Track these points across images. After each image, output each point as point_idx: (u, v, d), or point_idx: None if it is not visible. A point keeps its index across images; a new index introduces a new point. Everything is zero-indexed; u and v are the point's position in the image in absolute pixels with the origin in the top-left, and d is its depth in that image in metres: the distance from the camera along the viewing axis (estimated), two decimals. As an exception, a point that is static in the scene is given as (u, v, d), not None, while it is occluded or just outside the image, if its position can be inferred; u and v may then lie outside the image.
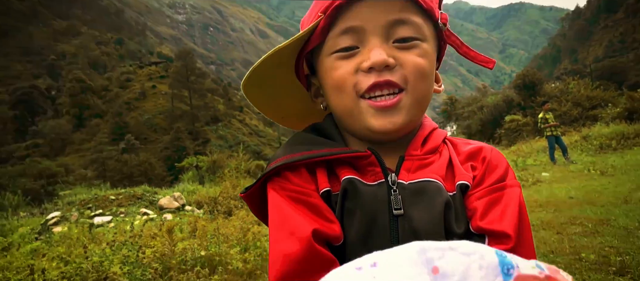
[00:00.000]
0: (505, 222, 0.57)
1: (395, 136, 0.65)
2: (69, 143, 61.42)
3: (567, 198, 5.52)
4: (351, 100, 0.62)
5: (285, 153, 0.64)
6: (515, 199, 0.60)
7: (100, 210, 9.68)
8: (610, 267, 2.60)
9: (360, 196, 0.60)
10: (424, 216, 0.59)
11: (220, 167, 14.85)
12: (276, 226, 0.59)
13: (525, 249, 0.58)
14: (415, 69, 0.61)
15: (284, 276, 0.55)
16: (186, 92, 75.87)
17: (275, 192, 0.62)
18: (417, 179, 0.62)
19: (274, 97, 0.76)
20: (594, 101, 20.25)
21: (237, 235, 4.29)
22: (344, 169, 0.63)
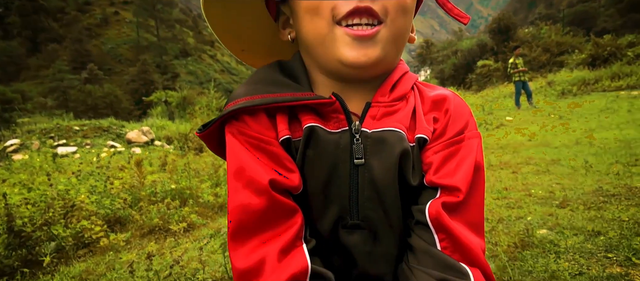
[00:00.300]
0: (457, 176, 0.58)
1: (367, 73, 0.61)
2: (24, 68, 57.45)
3: (526, 140, 5.84)
4: (326, 26, 0.57)
5: (245, 92, 0.61)
6: (472, 152, 0.61)
7: (63, 140, 9.39)
8: (554, 201, 2.85)
9: (322, 145, 0.59)
10: (382, 165, 0.59)
11: (190, 103, 14.47)
12: (234, 175, 0.58)
13: (474, 204, 0.59)
14: (398, 1, 0.58)
15: (243, 226, 0.55)
16: (152, 21, 71.28)
17: (233, 137, 0.60)
18: (381, 128, 0.61)
19: (237, 23, 0.69)
20: (563, 47, 20.73)
21: (208, 170, 4.31)
22: (306, 115, 0.61)
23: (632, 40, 16.01)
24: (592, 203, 2.74)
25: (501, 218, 2.60)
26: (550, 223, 2.42)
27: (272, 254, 0.54)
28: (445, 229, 0.56)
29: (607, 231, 2.23)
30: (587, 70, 14.34)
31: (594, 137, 5.20)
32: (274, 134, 0.60)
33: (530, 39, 22.55)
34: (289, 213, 0.57)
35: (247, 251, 0.54)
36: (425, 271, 0.54)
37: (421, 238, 0.58)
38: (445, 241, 0.56)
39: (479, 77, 22.18)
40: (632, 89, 10.28)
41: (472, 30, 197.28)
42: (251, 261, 0.53)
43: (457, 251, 0.55)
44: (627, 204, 2.64)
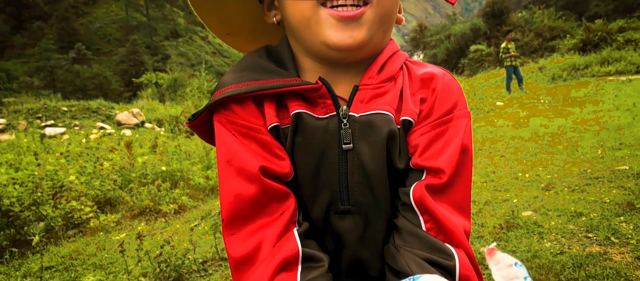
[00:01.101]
0: (442, 158, 0.57)
1: (353, 56, 0.60)
2: (8, 46, 55.98)
3: (516, 125, 5.91)
4: (310, 7, 0.56)
5: (232, 80, 0.60)
6: (460, 132, 0.59)
7: (51, 121, 9.25)
8: (540, 184, 2.91)
9: (310, 131, 0.59)
10: (371, 149, 0.58)
11: (181, 86, 14.27)
12: (224, 163, 0.57)
13: (459, 184, 0.58)
14: None
15: (236, 214, 0.55)
16: (142, 0, 69.57)
17: (222, 126, 0.59)
18: (369, 112, 0.59)
19: (221, 5, 0.67)
20: (555, 32, 20.80)
21: (199, 153, 4.30)
22: (294, 101, 0.60)
23: (622, 25, 16.09)
24: (576, 185, 2.81)
25: (488, 201, 2.65)
26: (535, 205, 2.48)
27: (268, 240, 0.54)
28: (429, 211, 0.56)
29: (588, 212, 2.29)
30: (577, 55, 14.43)
31: (580, 122, 5.28)
32: (262, 121, 0.59)
33: (523, 24, 22.56)
34: (281, 197, 0.57)
35: (242, 238, 0.55)
36: (411, 251, 0.55)
37: (407, 219, 0.58)
38: (430, 222, 0.56)
39: (471, 62, 22.23)
40: (620, 75, 10.40)
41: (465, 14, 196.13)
42: (247, 248, 0.54)
43: (441, 233, 0.55)
44: (610, 187, 2.71)
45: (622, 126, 4.66)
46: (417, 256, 0.54)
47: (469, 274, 0.52)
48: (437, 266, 0.52)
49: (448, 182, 0.57)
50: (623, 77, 9.77)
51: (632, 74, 10.26)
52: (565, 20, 23.06)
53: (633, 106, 5.81)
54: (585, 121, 5.35)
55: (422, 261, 0.53)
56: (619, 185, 2.72)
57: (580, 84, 9.79)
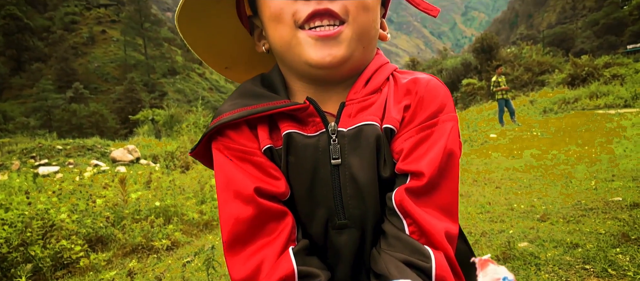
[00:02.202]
0: (424, 161, 0.57)
1: (335, 73, 0.62)
2: (6, 87, 56.49)
3: (510, 157, 5.95)
4: (289, 31, 0.58)
5: (227, 108, 0.63)
6: (444, 136, 0.60)
7: (45, 160, 9.18)
8: (535, 215, 2.91)
9: (301, 149, 0.60)
10: (361, 162, 0.59)
11: (178, 122, 14.35)
12: (222, 188, 0.60)
13: (443, 187, 0.58)
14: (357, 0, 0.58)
15: (235, 236, 0.57)
16: (140, 40, 71.19)
17: (219, 152, 0.61)
18: (356, 124, 0.61)
19: (215, 40, 0.71)
20: (543, 67, 21.40)
21: (193, 187, 4.27)
22: (285, 122, 0.62)
23: (608, 61, 16.64)
24: (571, 216, 2.81)
25: (484, 232, 2.63)
26: (531, 236, 2.47)
27: (268, 260, 0.55)
28: (409, 214, 0.56)
29: (585, 243, 2.28)
30: (567, 89, 14.81)
31: (573, 154, 5.33)
32: (257, 144, 0.62)
33: (513, 59, 23.22)
34: (278, 216, 0.59)
35: (243, 260, 0.56)
36: (392, 255, 0.56)
37: (392, 223, 0.59)
38: (413, 225, 0.56)
39: (464, 96, 22.66)
40: (610, 108, 10.62)
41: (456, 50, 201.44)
42: (248, 269, 0.55)
43: (423, 236, 0.56)
44: (604, 218, 2.71)
45: (613, 158, 4.71)
46: (397, 259, 0.54)
47: (445, 275, 0.52)
48: (415, 268, 0.53)
49: (429, 184, 0.57)
50: (612, 110, 9.98)
51: (621, 108, 10.50)
52: (553, 55, 23.84)
53: (624, 138, 5.90)
54: (577, 153, 5.41)
55: (400, 263, 0.53)
56: (613, 216, 2.72)
57: (571, 117, 9.97)
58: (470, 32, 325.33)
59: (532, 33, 70.39)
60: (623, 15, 62.55)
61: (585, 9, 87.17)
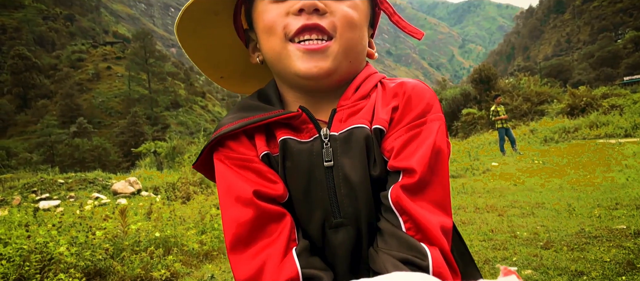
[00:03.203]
0: (414, 158, 0.60)
1: (323, 83, 0.66)
2: (11, 124, 57.10)
3: (512, 185, 5.93)
4: (280, 43, 0.63)
5: (227, 121, 0.67)
6: (432, 134, 0.62)
7: (46, 194, 9.15)
8: (539, 242, 2.87)
9: (297, 154, 0.64)
10: (353, 162, 0.63)
11: (180, 153, 14.39)
12: (223, 194, 0.63)
13: (435, 183, 0.61)
14: (344, 18, 0.63)
15: (237, 238, 0.59)
16: (144, 75, 72.56)
17: (220, 162, 0.65)
18: (347, 128, 0.64)
19: (213, 51, 0.76)
20: (542, 97, 21.55)
21: (194, 217, 4.25)
22: (281, 130, 0.65)
23: (605, 92, 16.80)
24: (575, 244, 2.77)
25: (487, 259, 2.60)
26: (534, 264, 2.43)
27: (271, 260, 0.58)
28: (406, 211, 0.58)
29: (590, 271, 2.24)
30: (567, 119, 14.89)
31: (576, 183, 5.31)
32: (255, 152, 0.65)
33: (511, 89, 23.45)
34: (277, 218, 0.61)
35: (245, 261, 0.58)
36: (389, 253, 0.57)
37: (388, 221, 0.60)
38: (409, 222, 0.58)
39: (464, 125, 22.73)
40: (610, 138, 10.64)
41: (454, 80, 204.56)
42: (251, 270, 0.57)
43: (419, 232, 0.57)
44: (609, 246, 2.68)
45: (616, 186, 4.70)
46: (394, 256, 0.56)
47: (442, 271, 0.54)
48: (412, 265, 0.54)
49: (421, 181, 0.59)
50: (613, 140, 10.00)
51: (621, 137, 10.52)
52: (551, 86, 24.08)
53: (625, 167, 5.89)
54: (579, 181, 5.39)
55: (398, 262, 0.55)
56: (617, 244, 2.69)
57: (572, 146, 9.98)
58: (468, 64, 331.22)
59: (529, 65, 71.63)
60: (617, 48, 63.87)
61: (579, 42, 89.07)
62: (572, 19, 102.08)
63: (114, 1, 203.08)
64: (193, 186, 8.01)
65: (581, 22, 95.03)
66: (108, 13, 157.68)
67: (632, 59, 56.60)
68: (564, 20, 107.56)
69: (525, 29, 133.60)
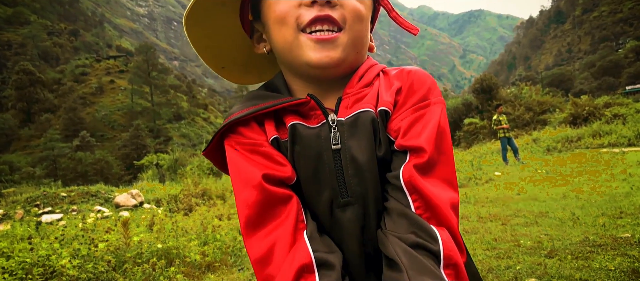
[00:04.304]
0: (422, 137, 0.63)
1: (332, 73, 0.69)
2: (15, 139, 57.41)
3: (515, 194, 5.90)
4: (292, 33, 0.66)
5: (237, 110, 0.70)
6: (436, 116, 0.66)
7: (49, 208, 9.15)
8: (542, 251, 2.85)
9: (306, 138, 0.67)
10: (359, 144, 0.66)
11: (182, 165, 14.42)
12: (234, 178, 0.66)
13: (443, 161, 0.64)
14: (353, 10, 0.67)
15: (249, 219, 0.63)
16: (147, 88, 73.08)
17: (231, 147, 0.68)
18: (353, 113, 0.68)
19: (216, 41, 0.78)
20: (544, 106, 21.56)
21: (196, 229, 4.24)
22: (290, 117, 0.69)
23: (608, 101, 16.77)
24: (580, 253, 2.75)
25: (491, 268, 2.58)
26: (538, 272, 2.41)
27: (281, 240, 0.61)
28: (418, 190, 0.60)
29: (594, 279, 2.22)
30: (569, 128, 14.85)
31: (580, 192, 5.28)
32: (264, 137, 0.69)
33: (513, 99, 23.48)
34: (284, 200, 0.64)
35: (257, 240, 0.62)
36: (399, 236, 0.59)
37: (397, 200, 0.63)
38: (418, 201, 0.61)
39: (466, 135, 22.71)
40: (613, 147, 10.59)
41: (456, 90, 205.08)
42: (262, 249, 0.61)
43: (428, 210, 0.60)
44: (614, 254, 2.66)
45: (620, 195, 4.66)
46: (404, 241, 0.58)
47: (452, 254, 0.57)
48: (423, 250, 0.57)
49: (431, 159, 0.63)
50: (616, 149, 9.95)
51: (625, 146, 10.47)
52: (553, 95, 24.10)
53: (629, 176, 5.85)
54: (583, 190, 5.36)
55: (408, 247, 0.57)
56: (622, 253, 2.67)
57: (576, 155, 9.94)
58: (469, 74, 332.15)
59: (531, 74, 71.77)
60: (618, 57, 64.04)
61: (580, 52, 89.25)
62: (572, 29, 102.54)
63: (118, 16, 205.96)
64: (195, 198, 8.00)
65: (582, 32, 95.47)
66: (112, 27, 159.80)
67: (633, 69, 56.74)
68: (564, 30, 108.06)
69: (525, 39, 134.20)
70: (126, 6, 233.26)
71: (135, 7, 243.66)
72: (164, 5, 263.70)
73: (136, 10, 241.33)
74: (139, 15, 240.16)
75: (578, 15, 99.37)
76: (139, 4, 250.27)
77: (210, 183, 9.07)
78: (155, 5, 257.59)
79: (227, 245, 3.89)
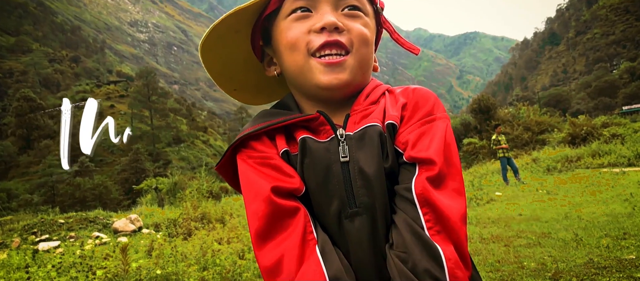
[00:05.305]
0: (431, 150, 0.66)
1: (340, 93, 0.74)
2: (13, 166, 57.13)
3: (517, 214, 5.86)
4: (303, 58, 0.71)
5: (249, 126, 0.74)
6: (442, 130, 0.70)
7: (46, 235, 9.03)
8: (547, 273, 2.81)
9: (315, 151, 0.70)
10: (367, 156, 0.68)
11: (181, 189, 14.32)
12: (245, 191, 0.69)
13: (453, 173, 0.67)
14: (359, 35, 0.72)
15: (258, 231, 0.65)
16: (147, 112, 73.39)
17: (243, 161, 0.71)
18: (361, 127, 0.71)
19: (229, 65, 0.83)
20: (542, 126, 21.64)
21: (195, 253, 4.18)
22: (300, 131, 0.72)
23: (605, 121, 16.87)
24: (585, 275, 2.71)
25: (495, 293, 2.54)
26: (544, 296, 2.37)
27: (289, 252, 0.63)
28: (430, 203, 0.62)
29: (601, 301, 2.19)
30: (568, 148, 14.86)
31: (582, 212, 5.25)
32: (275, 151, 0.72)
33: (511, 119, 23.58)
34: (291, 212, 0.66)
35: (266, 252, 0.64)
36: (404, 259, 0.61)
37: (406, 213, 0.65)
38: (429, 214, 0.62)
39: (466, 155, 22.68)
40: (613, 167, 10.58)
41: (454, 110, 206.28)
42: (271, 260, 0.63)
43: (439, 223, 0.62)
44: (619, 277, 2.62)
45: (623, 216, 4.63)
46: (409, 264, 0.59)
47: (457, 274, 0.58)
48: (428, 277, 0.58)
49: (441, 171, 0.65)
50: (616, 169, 9.92)
51: (625, 166, 10.44)
52: (550, 115, 24.23)
53: (631, 196, 5.82)
54: (586, 210, 5.33)
55: (411, 274, 0.59)
56: (628, 275, 2.64)
57: (576, 175, 9.92)
58: (467, 94, 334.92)
59: (528, 94, 72.48)
60: (613, 78, 64.85)
61: (576, 73, 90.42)
62: (567, 50, 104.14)
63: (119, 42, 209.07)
64: (194, 222, 7.91)
65: (576, 53, 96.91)
66: (112, 53, 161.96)
67: (629, 89, 57.40)
68: (559, 51, 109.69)
69: (521, 60, 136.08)
70: (127, 32, 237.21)
71: (136, 33, 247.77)
72: (164, 30, 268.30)
73: (137, 36, 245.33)
74: (140, 40, 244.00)
75: (572, 37, 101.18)
76: (140, 30, 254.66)
77: (210, 206, 8.99)
78: (155, 31, 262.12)
79: (227, 270, 3.82)
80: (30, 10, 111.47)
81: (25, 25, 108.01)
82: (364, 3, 0.75)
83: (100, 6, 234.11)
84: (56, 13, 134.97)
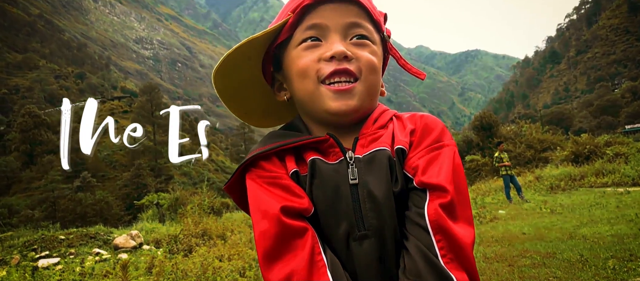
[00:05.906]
0: (441, 176, 0.67)
1: (349, 119, 0.76)
2: (15, 181, 57.15)
3: (520, 233, 5.79)
4: (313, 85, 0.73)
5: (259, 146, 0.75)
6: (451, 157, 0.71)
7: (46, 251, 8.98)
8: (553, 295, 2.77)
9: (324, 173, 0.71)
10: (376, 180, 0.69)
11: (182, 204, 14.25)
12: (253, 210, 0.70)
13: (462, 200, 0.68)
14: (367, 62, 0.74)
15: (266, 251, 0.65)
16: (150, 127, 73.72)
17: (252, 181, 0.72)
18: (370, 151, 0.72)
19: (240, 90, 0.85)
20: (545, 144, 21.58)
21: (196, 271, 4.14)
22: (309, 153, 0.74)
23: (608, 140, 16.77)
24: (592, 296, 2.67)
25: (500, 315, 2.49)
26: (550, 318, 2.33)
27: (297, 274, 0.63)
28: (444, 230, 0.63)
29: (609, 324, 2.14)
30: (571, 166, 14.77)
31: (587, 232, 5.19)
32: (284, 171, 0.73)
33: (513, 136, 23.54)
34: (299, 233, 0.66)
35: (274, 272, 0.64)
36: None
37: (418, 239, 0.65)
38: (442, 242, 0.63)
39: (468, 172, 22.56)
40: (618, 186, 10.49)
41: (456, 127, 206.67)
42: (279, 280, 0.63)
43: (452, 251, 0.62)
44: (627, 297, 2.58)
45: (629, 236, 4.58)
46: None
47: None
48: None
49: (453, 199, 0.66)
50: (621, 188, 9.84)
51: (629, 186, 10.35)
52: (553, 134, 24.19)
53: (636, 216, 5.76)
54: (591, 231, 5.27)
55: None
56: (636, 295, 2.59)
57: (580, 194, 9.84)
58: (469, 111, 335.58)
59: (530, 112, 72.56)
60: (615, 97, 65.00)
61: (577, 91, 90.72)
62: (568, 68, 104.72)
63: (124, 58, 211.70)
64: (195, 238, 7.85)
65: (577, 72, 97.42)
66: (117, 70, 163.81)
67: (631, 108, 57.49)
68: (560, 70, 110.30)
69: (522, 78, 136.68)
70: (132, 49, 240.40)
71: (141, 50, 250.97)
72: (169, 47, 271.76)
73: (142, 53, 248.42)
74: (145, 57, 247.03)
75: (572, 56, 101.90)
76: (145, 46, 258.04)
77: (211, 222, 8.94)
78: (160, 47, 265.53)
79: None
80: (39, 27, 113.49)
81: (33, 43, 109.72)
82: (371, 32, 0.77)
83: (107, 24, 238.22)
84: (63, 30, 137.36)
